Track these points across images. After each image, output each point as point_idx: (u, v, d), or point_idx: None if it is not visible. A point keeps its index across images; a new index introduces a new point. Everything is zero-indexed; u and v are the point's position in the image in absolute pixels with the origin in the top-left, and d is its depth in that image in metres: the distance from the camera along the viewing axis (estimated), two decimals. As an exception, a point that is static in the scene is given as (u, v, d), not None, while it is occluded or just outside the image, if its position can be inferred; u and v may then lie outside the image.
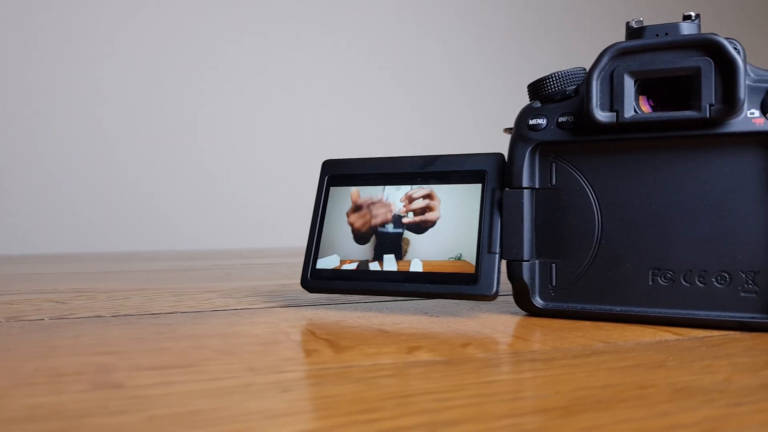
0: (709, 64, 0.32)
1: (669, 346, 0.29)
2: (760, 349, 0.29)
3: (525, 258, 0.37)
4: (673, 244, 0.34)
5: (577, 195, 0.37)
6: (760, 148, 0.33)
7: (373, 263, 0.39)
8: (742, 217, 0.33)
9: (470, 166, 0.39)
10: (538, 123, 0.37)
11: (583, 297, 0.37)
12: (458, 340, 0.31)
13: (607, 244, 0.36)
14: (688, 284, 0.34)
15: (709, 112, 0.32)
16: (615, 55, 0.34)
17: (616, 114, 0.34)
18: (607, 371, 0.25)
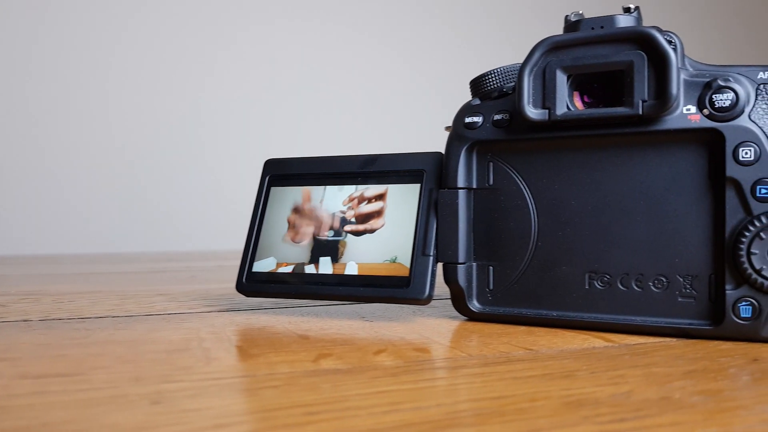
0: (642, 58, 0.31)
1: (592, 354, 0.28)
2: (687, 358, 0.27)
3: (460, 261, 0.35)
4: (609, 246, 0.33)
5: (513, 195, 0.35)
6: (698, 146, 0.31)
7: (309, 266, 0.38)
8: (680, 219, 0.32)
9: (409, 165, 0.38)
10: (474, 121, 0.36)
11: (520, 301, 0.35)
12: (375, 347, 0.29)
13: (544, 247, 0.35)
14: (624, 288, 0.33)
15: (642, 109, 0.31)
16: (547, 50, 0.33)
17: (548, 111, 0.33)
18: (509, 381, 0.24)
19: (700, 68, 0.31)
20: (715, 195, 0.31)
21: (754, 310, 0.30)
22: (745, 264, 0.29)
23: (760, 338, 0.30)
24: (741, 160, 0.30)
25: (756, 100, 0.30)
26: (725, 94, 0.30)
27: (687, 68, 0.31)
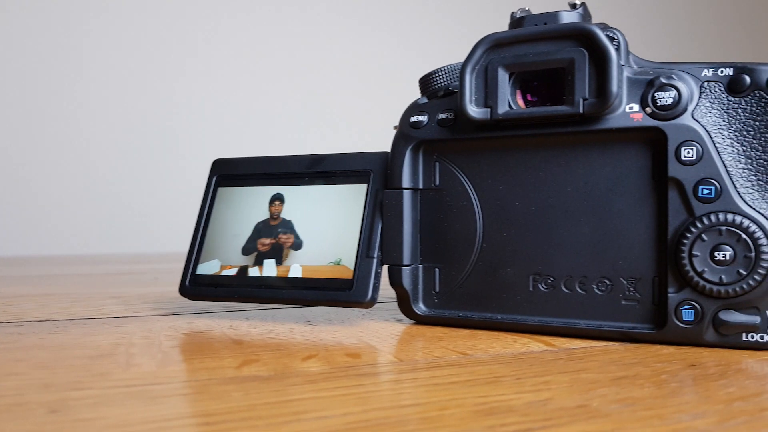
0: (583, 55, 0.30)
1: (526, 359, 0.27)
2: (622, 363, 0.26)
3: (405, 263, 0.35)
4: (553, 248, 0.32)
5: (459, 196, 0.35)
6: (641, 146, 0.30)
7: (253, 268, 0.37)
8: (623, 220, 0.31)
9: (356, 165, 0.37)
10: (420, 120, 0.35)
11: (465, 304, 0.34)
12: (307, 352, 0.29)
13: (489, 248, 0.34)
14: (568, 291, 0.32)
15: (583, 107, 0.30)
16: (489, 47, 0.32)
17: (490, 110, 0.32)
18: (428, 388, 0.23)
19: (646, 65, 0.31)
20: (658, 195, 0.30)
21: (697, 313, 0.29)
22: (687, 266, 0.29)
23: (703, 342, 0.29)
24: (683, 160, 0.29)
25: (700, 98, 0.29)
26: (668, 92, 0.29)
27: (631, 65, 0.31)
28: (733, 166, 0.29)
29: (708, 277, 0.28)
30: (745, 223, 0.28)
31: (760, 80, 0.28)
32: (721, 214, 0.28)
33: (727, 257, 0.28)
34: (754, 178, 0.28)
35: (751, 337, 0.28)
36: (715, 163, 0.29)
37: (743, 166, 0.29)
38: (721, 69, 0.29)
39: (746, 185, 0.28)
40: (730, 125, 0.29)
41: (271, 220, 0.38)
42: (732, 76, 0.29)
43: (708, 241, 0.28)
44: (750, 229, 0.28)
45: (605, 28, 0.31)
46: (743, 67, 0.29)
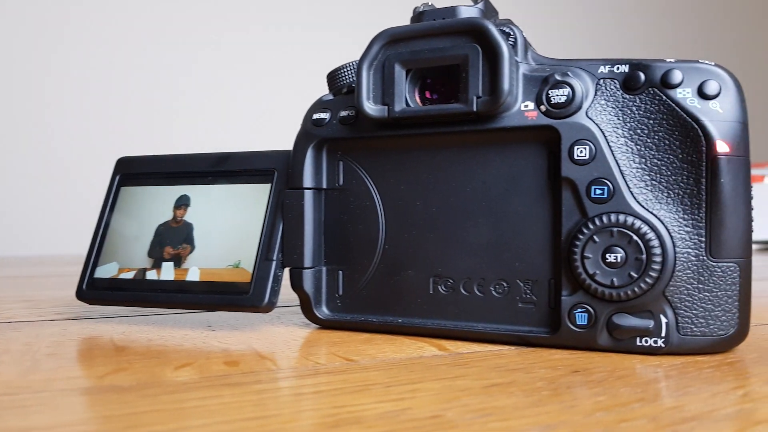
0: (477, 51, 0.29)
1: (410, 365, 0.26)
2: (505, 369, 0.26)
3: (306, 265, 0.33)
4: (453, 249, 0.31)
5: (362, 196, 0.33)
6: (536, 145, 0.30)
7: (151, 271, 0.36)
8: (520, 221, 0.30)
9: (260, 164, 0.36)
10: (322, 118, 0.34)
11: (368, 307, 0.33)
12: (185, 360, 0.27)
13: (391, 250, 0.33)
14: (467, 293, 0.31)
15: (476, 105, 0.29)
16: (386, 43, 0.31)
17: (387, 108, 0.31)
18: (290, 398, 0.22)
19: (544, 62, 0.30)
20: (553, 196, 0.29)
21: (590, 317, 0.28)
22: (580, 269, 0.28)
23: (597, 347, 0.28)
24: (576, 159, 0.28)
25: (595, 95, 0.29)
26: (561, 89, 0.28)
27: (529, 62, 0.30)
28: (626, 165, 0.28)
29: (600, 280, 0.28)
30: (636, 225, 0.27)
31: (655, 77, 0.28)
32: (613, 215, 0.28)
33: (619, 259, 0.27)
34: (648, 178, 0.28)
35: (645, 342, 0.28)
36: (608, 162, 0.28)
37: (637, 165, 0.28)
38: (617, 66, 0.29)
39: (640, 185, 0.28)
40: (624, 124, 0.28)
41: (173, 222, 0.36)
42: (627, 73, 0.28)
43: (600, 242, 0.28)
44: (641, 230, 0.27)
45: (502, 24, 0.30)
46: (638, 64, 0.28)
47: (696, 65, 0.27)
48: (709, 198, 0.27)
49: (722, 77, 0.27)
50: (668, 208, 0.27)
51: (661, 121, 0.28)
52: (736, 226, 0.27)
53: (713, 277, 0.27)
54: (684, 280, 0.27)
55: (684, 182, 0.27)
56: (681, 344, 0.27)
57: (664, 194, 0.28)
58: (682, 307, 0.27)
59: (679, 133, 0.27)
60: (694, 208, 0.27)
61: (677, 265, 0.27)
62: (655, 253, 0.27)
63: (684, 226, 0.27)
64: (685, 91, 0.27)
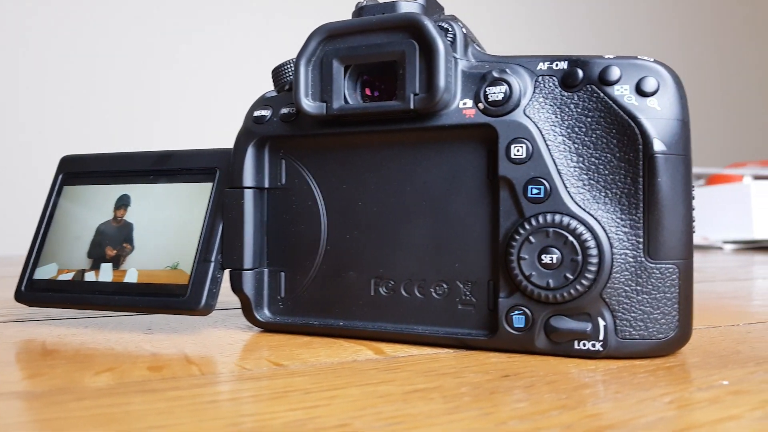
0: (413, 47, 0.28)
1: (339, 369, 0.25)
2: (436, 373, 0.25)
3: (246, 267, 0.33)
4: (394, 250, 0.31)
5: (305, 196, 0.33)
6: (475, 144, 0.29)
7: (89, 273, 0.35)
8: (460, 222, 0.29)
9: (202, 163, 0.35)
10: (263, 115, 0.33)
11: (310, 310, 0.33)
12: (110, 365, 0.26)
13: (333, 251, 0.32)
14: (408, 295, 0.30)
15: (413, 103, 0.28)
16: (323, 39, 0.30)
17: (326, 105, 0.30)
18: (201, 405, 0.21)
19: (484, 59, 0.29)
20: (492, 196, 0.29)
21: (527, 319, 0.27)
22: (516, 270, 0.27)
23: (535, 350, 0.28)
24: (513, 158, 0.28)
25: (534, 93, 0.28)
26: (499, 86, 0.28)
27: (469, 59, 0.29)
28: (564, 164, 0.27)
29: (536, 282, 0.27)
30: (572, 225, 0.27)
31: (593, 74, 0.27)
32: (549, 215, 0.27)
33: (554, 260, 0.27)
34: (586, 177, 0.27)
35: (583, 345, 0.27)
36: (545, 161, 0.27)
37: (575, 164, 0.27)
38: (556, 62, 0.28)
39: (577, 185, 0.27)
40: (562, 121, 0.27)
41: (114, 222, 0.35)
42: (566, 70, 0.28)
43: (536, 243, 0.27)
44: (577, 230, 0.26)
45: (443, 20, 0.29)
46: (577, 60, 0.27)
47: (634, 61, 0.27)
48: (647, 198, 0.26)
49: (661, 74, 0.26)
50: (606, 208, 0.27)
51: (599, 119, 0.27)
52: (674, 227, 0.26)
53: (651, 279, 0.26)
54: (622, 282, 0.26)
55: (621, 181, 0.27)
56: (619, 348, 0.27)
57: (602, 194, 0.27)
58: (620, 310, 0.27)
59: (617, 131, 0.27)
60: (631, 208, 0.26)
61: (614, 266, 0.26)
62: (591, 254, 0.26)
63: (621, 227, 0.27)
64: (622, 88, 0.26)
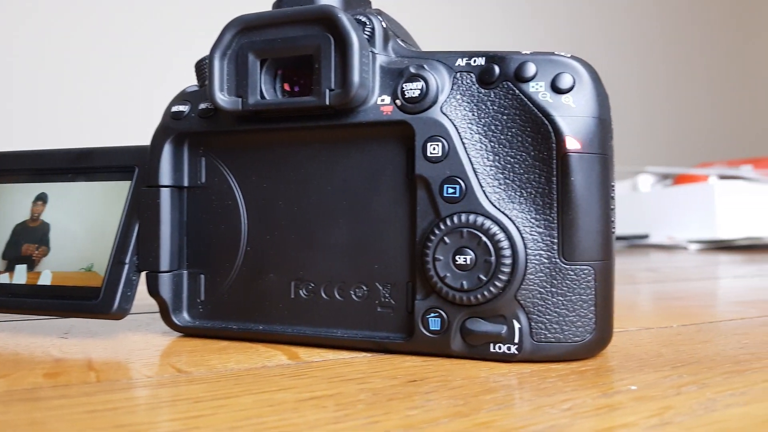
0: (329, 41, 0.27)
1: (242, 377, 0.24)
2: (342, 379, 0.24)
3: (163, 269, 0.31)
4: (314, 251, 0.30)
5: (225, 195, 0.32)
6: (394, 141, 0.28)
7: (4, 275, 0.33)
8: (380, 222, 0.28)
9: (121, 160, 0.33)
10: (181, 110, 0.32)
11: (230, 313, 0.31)
12: (6, 371, 0.25)
13: (253, 252, 0.31)
14: (327, 297, 0.29)
15: (329, 99, 0.27)
16: (239, 31, 0.29)
17: (241, 100, 0.29)
18: (77, 416, 0.20)
19: (405, 54, 0.28)
20: (411, 195, 0.28)
21: (443, 322, 0.27)
22: (431, 271, 0.27)
23: (452, 353, 0.27)
24: (429, 157, 0.27)
25: (452, 90, 0.27)
26: (415, 83, 0.27)
27: (389, 54, 0.28)
28: (480, 163, 0.26)
29: (450, 283, 0.26)
30: (486, 225, 0.26)
31: (509, 70, 0.26)
32: (464, 215, 0.26)
33: (468, 261, 0.26)
34: (501, 176, 0.26)
35: (499, 348, 0.26)
36: (461, 160, 0.26)
37: (491, 163, 0.26)
38: (474, 58, 0.27)
39: (493, 184, 0.26)
40: (479, 119, 0.27)
41: (30, 222, 0.34)
42: (483, 66, 0.27)
43: (450, 244, 0.26)
44: (491, 231, 0.26)
45: (363, 14, 0.28)
46: (494, 56, 0.27)
47: (551, 57, 0.26)
48: (560, 197, 0.26)
49: (577, 70, 0.26)
50: (521, 207, 0.26)
51: (515, 117, 0.26)
52: (589, 227, 0.26)
53: (566, 280, 0.26)
54: (536, 284, 0.26)
55: (536, 181, 0.26)
56: (535, 351, 0.26)
57: (517, 193, 0.26)
58: (535, 312, 0.26)
59: (531, 129, 0.26)
60: (546, 208, 0.26)
61: (529, 268, 0.26)
62: (505, 255, 0.26)
63: (536, 227, 0.26)
64: (537, 85, 0.26)
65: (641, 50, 1.69)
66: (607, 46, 1.60)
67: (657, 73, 1.72)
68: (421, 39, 0.32)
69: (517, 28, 1.50)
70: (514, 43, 1.44)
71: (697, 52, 1.80)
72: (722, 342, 0.30)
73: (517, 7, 1.52)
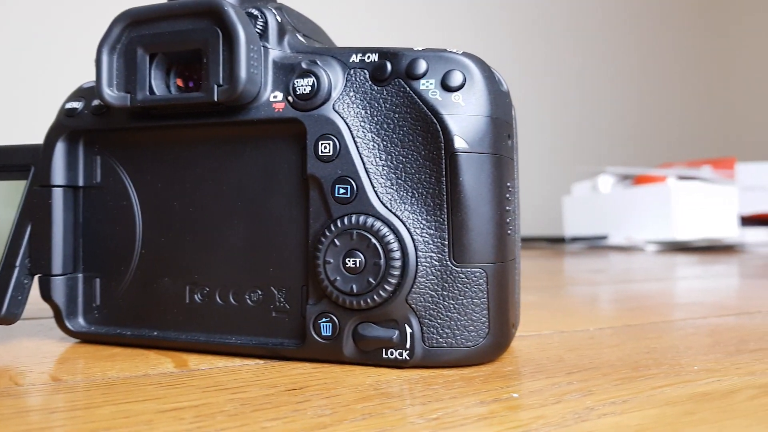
0: (217, 35, 0.26)
1: (118, 385, 0.23)
2: (217, 388, 0.23)
3: (56, 272, 0.30)
4: (209, 254, 0.29)
5: (120, 195, 0.30)
6: (287, 140, 0.27)
7: None
8: (275, 223, 0.27)
9: (17, 159, 0.32)
10: (74, 107, 0.30)
11: (125, 319, 0.30)
12: None
13: (148, 255, 0.30)
14: (223, 303, 0.28)
15: (217, 95, 0.26)
16: (127, 25, 0.28)
17: (130, 96, 0.28)
18: None
19: (302, 49, 0.27)
20: (305, 196, 0.27)
21: (335, 327, 0.26)
22: (322, 275, 0.26)
23: (345, 359, 0.26)
24: (320, 156, 0.26)
25: (345, 87, 0.26)
26: (306, 78, 0.26)
27: (284, 49, 0.27)
28: (372, 163, 0.26)
29: (340, 287, 0.25)
30: (376, 227, 0.25)
31: (401, 67, 0.25)
32: (354, 216, 0.25)
33: (358, 264, 0.25)
34: (394, 176, 0.26)
35: (391, 354, 0.25)
36: (352, 159, 0.25)
37: (383, 163, 0.26)
38: (368, 54, 0.26)
39: (386, 184, 0.25)
40: (372, 117, 0.26)
41: None
42: (376, 62, 0.26)
43: (341, 246, 0.25)
44: (381, 232, 0.25)
45: (255, 7, 0.27)
46: (387, 53, 0.26)
47: (442, 54, 0.25)
48: (450, 198, 0.25)
49: (468, 67, 0.25)
50: (412, 209, 0.25)
51: (406, 115, 0.25)
52: (480, 229, 0.25)
53: (457, 283, 0.25)
54: (428, 288, 0.25)
55: (427, 181, 0.25)
56: (426, 356, 0.25)
57: (409, 194, 0.25)
58: (427, 317, 0.25)
59: (422, 128, 0.25)
60: (436, 209, 0.25)
61: (419, 270, 0.25)
62: (394, 258, 0.25)
63: (427, 229, 0.25)
64: (428, 83, 0.25)
65: (610, 52, 1.70)
66: (574, 48, 1.61)
67: (624, 74, 1.73)
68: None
69: (486, 26, 1.49)
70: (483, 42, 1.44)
71: (665, 54, 1.81)
72: (631, 346, 0.30)
73: (486, 4, 1.52)
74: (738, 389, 0.22)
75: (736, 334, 0.33)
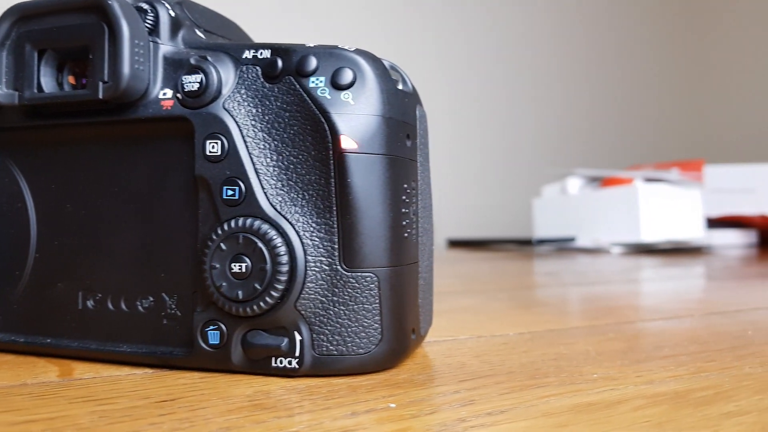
0: (102, 30, 0.25)
1: None
2: (88, 400, 0.22)
3: (-55, 277, 0.29)
4: (102, 258, 0.27)
5: (14, 197, 0.29)
6: (177, 139, 0.26)
7: None
8: (166, 227, 0.26)
9: None
10: (-33, 106, 0.29)
11: (20, 325, 0.29)
12: None
13: (42, 260, 0.29)
14: (114, 309, 0.27)
15: (102, 92, 0.25)
16: (16, 20, 0.27)
17: (18, 93, 0.27)
18: None
19: (195, 45, 0.26)
20: (196, 198, 0.26)
21: (222, 335, 0.25)
22: (209, 280, 0.25)
23: (234, 368, 0.25)
24: (209, 156, 0.25)
25: (236, 84, 0.25)
26: (194, 75, 0.25)
27: (177, 44, 0.26)
28: (262, 163, 0.25)
29: (226, 293, 0.24)
30: (263, 230, 0.24)
31: (291, 64, 0.25)
32: (242, 219, 0.24)
33: (244, 270, 0.24)
34: (285, 177, 0.25)
35: (280, 363, 0.24)
36: (242, 160, 0.24)
37: (274, 163, 0.25)
38: (261, 51, 0.25)
39: (276, 186, 0.25)
40: (263, 116, 0.25)
41: None
42: (268, 59, 0.25)
43: (227, 250, 0.24)
44: (268, 236, 0.24)
45: (145, 1, 0.26)
46: (278, 49, 0.25)
47: (333, 51, 0.24)
48: (339, 200, 0.24)
49: (359, 65, 0.24)
50: (302, 211, 0.24)
51: (296, 114, 0.24)
52: (372, 233, 0.24)
53: (347, 288, 0.24)
54: (317, 293, 0.24)
55: (317, 182, 0.24)
56: (316, 365, 0.24)
57: (299, 196, 0.24)
58: (317, 324, 0.24)
59: (311, 128, 0.24)
60: (326, 212, 0.24)
61: (308, 275, 0.24)
62: (281, 262, 0.24)
63: (317, 232, 0.24)
64: (318, 80, 0.24)
65: (579, 56, 1.70)
66: (544, 51, 1.61)
67: (594, 78, 1.73)
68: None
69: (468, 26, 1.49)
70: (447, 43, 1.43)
71: (635, 58, 1.82)
72: (540, 352, 0.29)
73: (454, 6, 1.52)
74: (627, 399, 0.22)
75: (655, 339, 0.32)
